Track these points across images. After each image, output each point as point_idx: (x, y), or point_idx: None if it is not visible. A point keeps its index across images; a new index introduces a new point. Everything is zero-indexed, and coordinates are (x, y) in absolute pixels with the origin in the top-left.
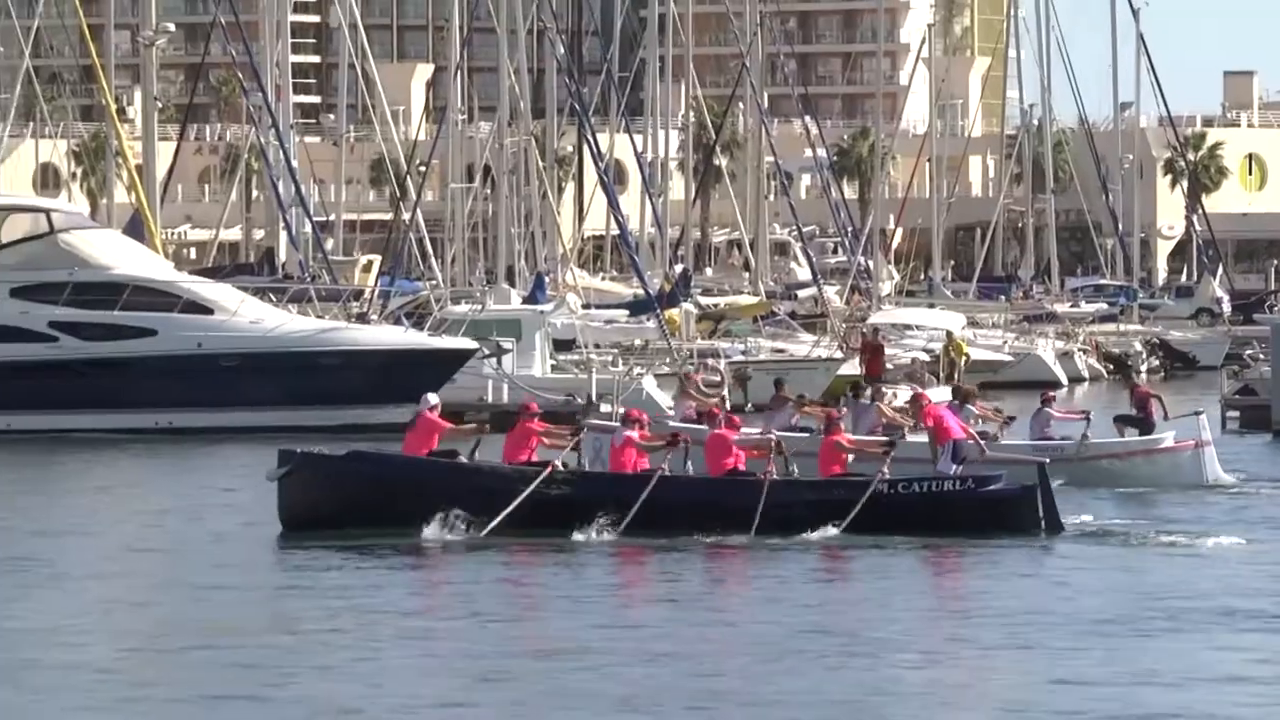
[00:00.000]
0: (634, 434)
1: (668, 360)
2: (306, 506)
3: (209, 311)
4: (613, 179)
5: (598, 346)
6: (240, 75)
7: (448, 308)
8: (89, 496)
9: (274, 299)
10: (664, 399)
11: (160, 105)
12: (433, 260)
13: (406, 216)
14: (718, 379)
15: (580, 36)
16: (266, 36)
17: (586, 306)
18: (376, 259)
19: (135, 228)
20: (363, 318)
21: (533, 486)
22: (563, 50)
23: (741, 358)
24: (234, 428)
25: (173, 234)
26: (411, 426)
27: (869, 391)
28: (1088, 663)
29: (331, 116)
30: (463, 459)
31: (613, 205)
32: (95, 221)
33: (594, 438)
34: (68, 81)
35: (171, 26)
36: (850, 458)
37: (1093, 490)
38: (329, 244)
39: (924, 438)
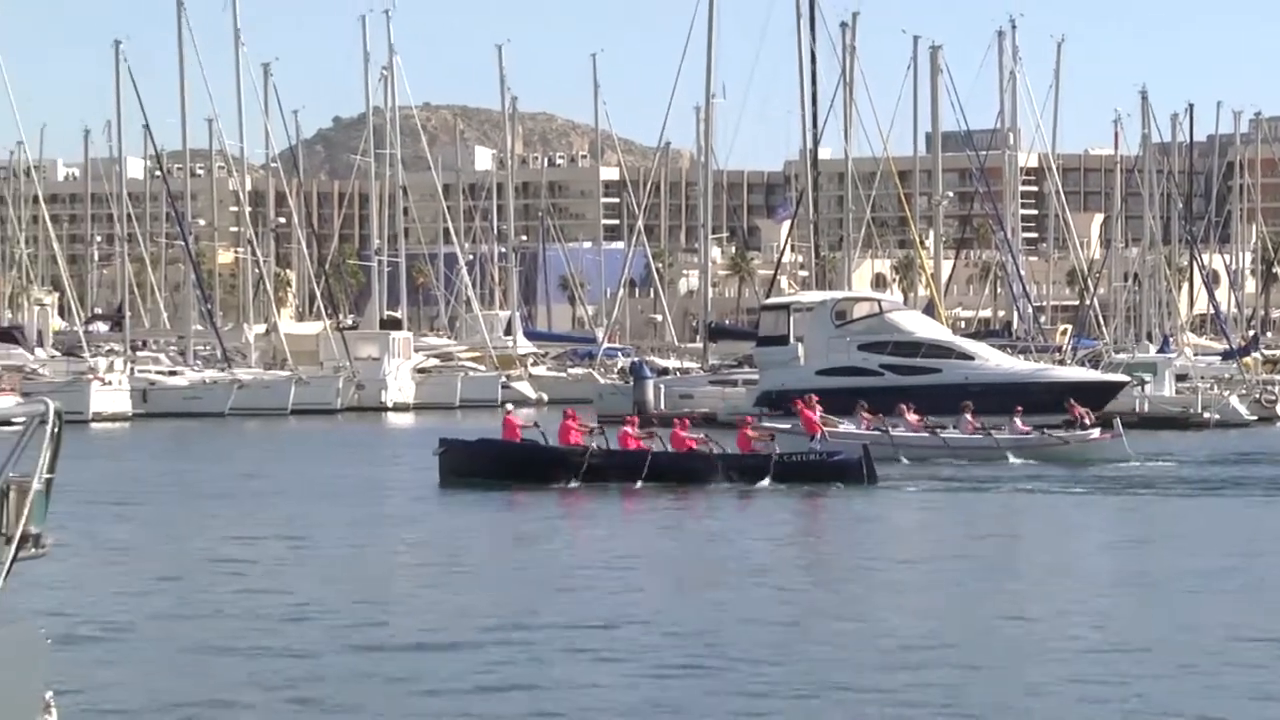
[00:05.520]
0: (630, 429)
1: (1244, 387)
2: (453, 470)
3: (971, 358)
4: (1210, 279)
5: (1202, 379)
6: (990, 221)
7: (1112, 356)
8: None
9: (1010, 351)
10: (1244, 410)
11: (944, 239)
12: (1103, 327)
13: (1089, 302)
14: (1273, 397)
15: (1191, 199)
16: (1006, 200)
17: (1195, 355)
18: (1069, 327)
19: (930, 310)
20: (1060, 362)
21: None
22: (1180, 205)
23: None
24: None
25: (950, 313)
26: (504, 424)
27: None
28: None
29: (1044, 244)
30: (538, 441)
31: (1210, 296)
32: (906, 306)
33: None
34: (890, 225)
35: (950, 194)
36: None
37: (1048, 464)
38: (1042, 318)
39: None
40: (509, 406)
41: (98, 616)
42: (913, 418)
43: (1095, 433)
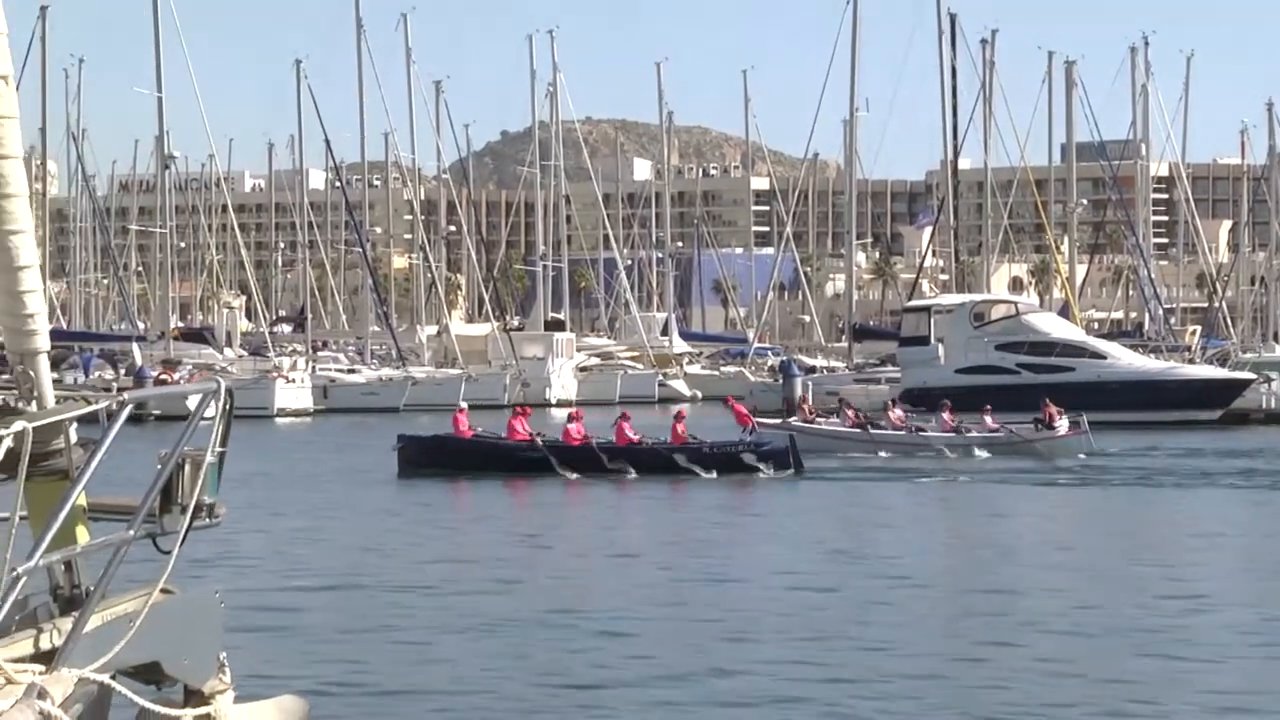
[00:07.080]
0: (574, 426)
1: None
2: (409, 462)
3: (1103, 357)
4: None
5: None
6: (1122, 228)
7: (1239, 355)
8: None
9: (1141, 350)
10: None
11: (1079, 245)
12: (1231, 328)
13: (1217, 304)
14: None
15: None
16: (1138, 207)
17: None
18: (1198, 328)
19: (1064, 311)
20: (1190, 361)
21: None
22: None
23: None
24: (1113, 422)
25: (1084, 315)
26: (454, 420)
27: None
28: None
29: (1174, 249)
30: (485, 437)
31: None
32: (1041, 308)
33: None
34: (1026, 231)
35: (1085, 201)
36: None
37: (1023, 458)
38: (1172, 319)
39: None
40: (463, 404)
41: (267, 588)
42: (894, 415)
43: (1063, 429)
